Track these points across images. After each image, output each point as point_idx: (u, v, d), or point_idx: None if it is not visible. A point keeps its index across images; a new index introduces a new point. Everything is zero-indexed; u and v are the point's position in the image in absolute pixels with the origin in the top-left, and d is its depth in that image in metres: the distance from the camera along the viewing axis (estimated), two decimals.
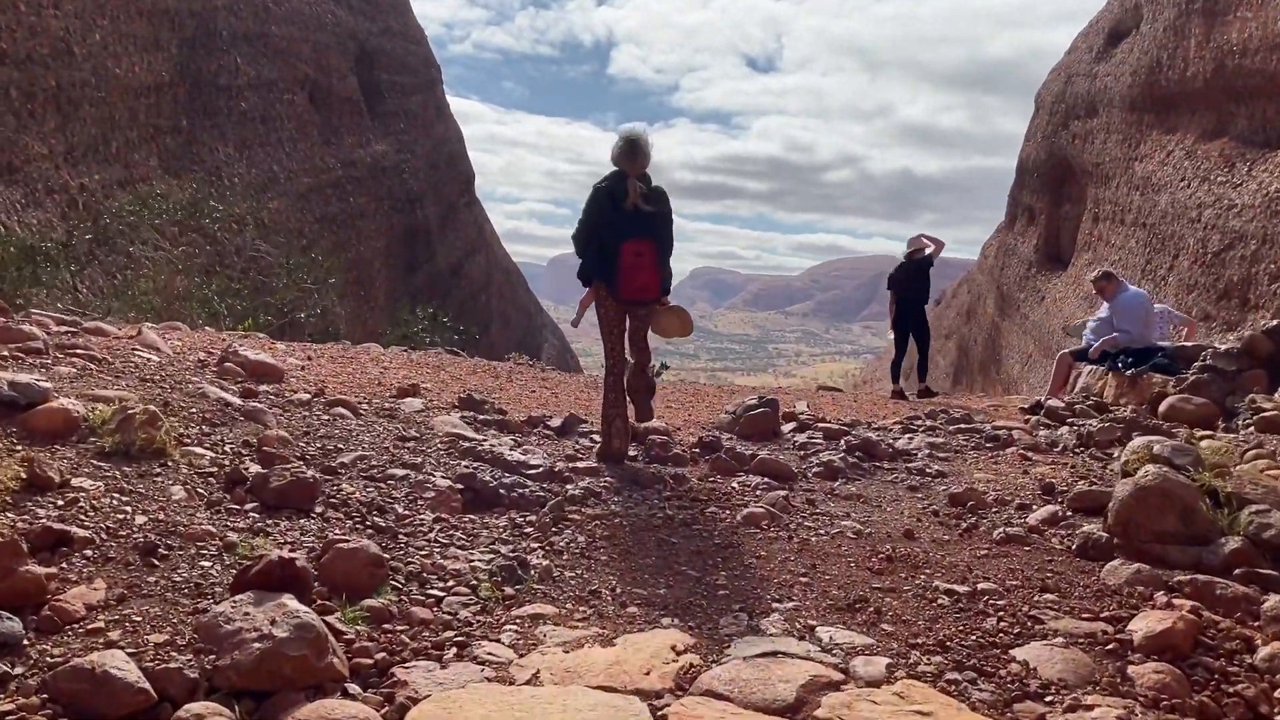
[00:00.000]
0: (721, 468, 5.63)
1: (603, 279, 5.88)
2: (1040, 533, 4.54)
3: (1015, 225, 39.19)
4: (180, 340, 7.88)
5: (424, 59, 54.90)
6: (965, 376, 46.49)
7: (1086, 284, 27.30)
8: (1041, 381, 31.18)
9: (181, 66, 27.88)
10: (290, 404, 5.73)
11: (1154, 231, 22.59)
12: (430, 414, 6.16)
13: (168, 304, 11.55)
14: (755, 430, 6.72)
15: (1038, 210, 35.88)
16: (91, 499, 3.55)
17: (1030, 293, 34.53)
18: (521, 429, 6.16)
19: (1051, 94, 34.56)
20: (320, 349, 9.35)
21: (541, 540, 4.06)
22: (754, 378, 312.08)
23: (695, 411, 8.19)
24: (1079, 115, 30.67)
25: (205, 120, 29.87)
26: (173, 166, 27.32)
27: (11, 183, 18.77)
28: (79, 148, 21.75)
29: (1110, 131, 27.27)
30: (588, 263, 6.02)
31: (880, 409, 9.61)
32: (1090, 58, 30.43)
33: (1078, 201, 31.37)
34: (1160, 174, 22.88)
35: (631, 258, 5.79)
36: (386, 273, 44.86)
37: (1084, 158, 29.62)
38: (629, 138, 5.87)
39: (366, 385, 7.12)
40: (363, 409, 5.96)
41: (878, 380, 77.64)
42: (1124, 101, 26.02)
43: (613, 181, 5.87)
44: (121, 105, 23.95)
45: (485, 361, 11.13)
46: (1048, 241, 34.76)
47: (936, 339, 59.72)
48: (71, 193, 20.89)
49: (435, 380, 8.14)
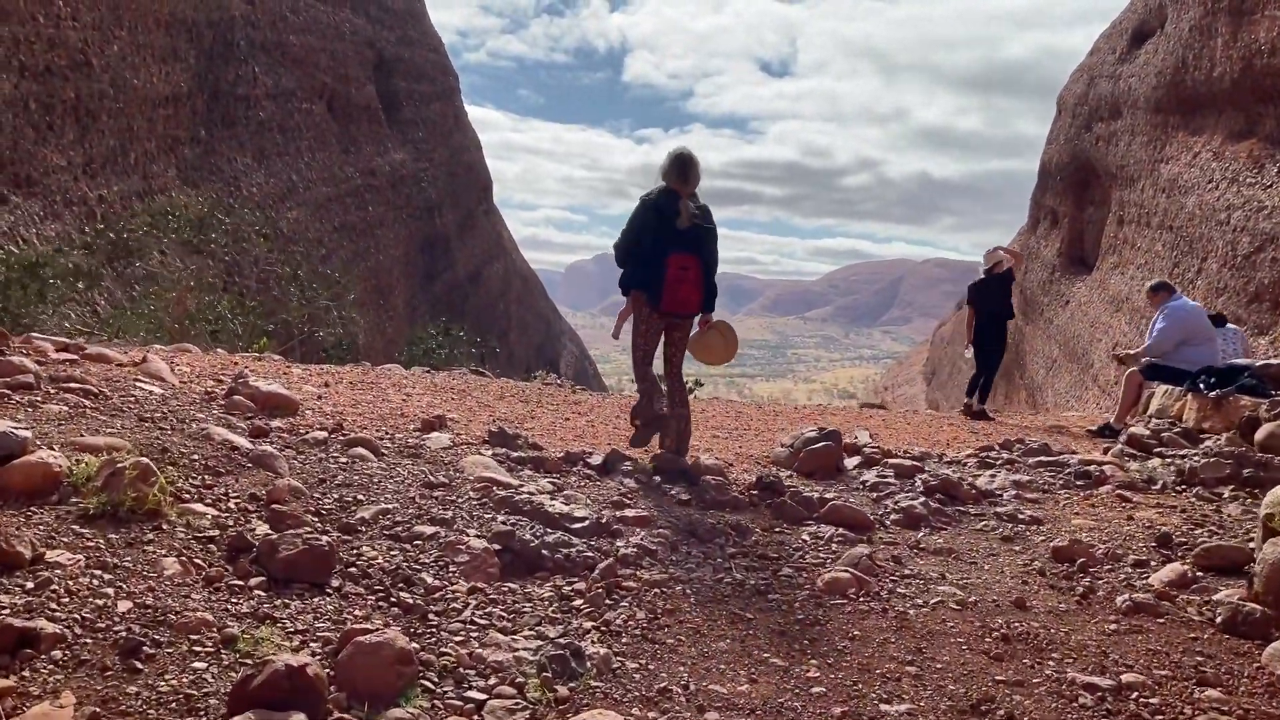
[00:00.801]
0: (788, 515, 5.02)
1: (644, 289, 5.93)
2: (1171, 599, 3.91)
3: (1038, 228, 38.68)
4: (189, 366, 7.39)
5: (442, 67, 54.68)
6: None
7: (1112, 287, 26.96)
8: (1068, 388, 30.70)
9: (200, 77, 27.61)
10: (305, 444, 5.18)
11: (1181, 234, 22.10)
12: (459, 452, 5.59)
13: (179, 323, 11.06)
14: (817, 467, 6.11)
15: (1061, 213, 35.38)
16: (68, 579, 2.98)
17: (1054, 297, 33.99)
18: (559, 468, 5.58)
19: (1074, 96, 34.07)
20: (338, 373, 8.85)
21: (595, 616, 3.46)
22: (773, 384, 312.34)
23: (744, 442, 7.57)
24: (1102, 117, 30.22)
25: (224, 130, 29.61)
26: (191, 177, 27.04)
27: (30, 195, 18.44)
28: (98, 159, 21.44)
29: (1135, 133, 26.79)
30: (629, 272, 6.03)
31: (940, 433, 9.01)
32: (1113, 59, 29.97)
33: (1102, 204, 30.89)
34: (1187, 176, 22.38)
35: (677, 270, 5.85)
36: (405, 281, 44.56)
37: (1108, 160, 29.14)
38: (683, 157, 5.92)
39: (388, 416, 6.57)
40: (384, 447, 5.41)
41: (899, 386, 76.95)
42: (1149, 103, 25.53)
43: (662, 197, 5.90)
44: (140, 116, 23.66)
45: (512, 383, 10.51)
46: (1071, 245, 34.26)
47: (957, 343, 59.03)
48: (90, 204, 20.57)
49: (461, 408, 7.60)
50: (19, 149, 18.24)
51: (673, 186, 5.89)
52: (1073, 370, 30.28)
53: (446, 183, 51.11)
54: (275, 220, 31.50)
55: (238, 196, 29.38)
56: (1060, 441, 8.56)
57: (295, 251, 32.37)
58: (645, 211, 5.86)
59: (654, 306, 5.93)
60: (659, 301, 5.89)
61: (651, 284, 5.87)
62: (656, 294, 5.86)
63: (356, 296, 36.50)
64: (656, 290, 5.86)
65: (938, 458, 6.89)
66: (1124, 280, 26.07)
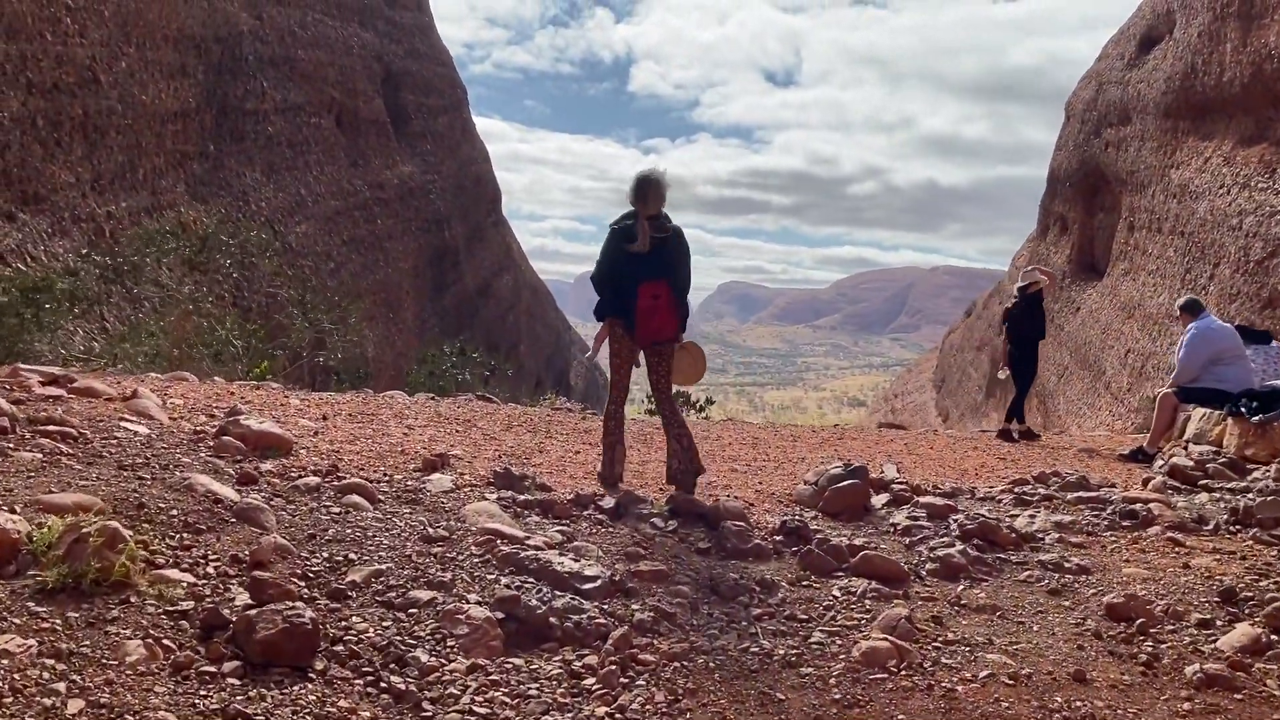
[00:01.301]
0: (816, 565, 4.64)
1: (619, 317, 5.93)
2: (1246, 669, 3.53)
3: (1047, 235, 38.42)
4: (183, 398, 7.06)
5: (450, 80, 54.60)
6: (999, 389, 45.38)
7: (1124, 294, 26.64)
8: (1080, 396, 30.29)
9: (208, 92, 27.46)
10: (296, 491, 4.78)
11: (1193, 240, 21.83)
12: (461, 497, 5.21)
13: (179, 348, 10.72)
14: (844, 507, 5.71)
15: (1070, 220, 35.13)
16: (14, 671, 2.64)
17: (1065, 304, 33.68)
18: (569, 512, 5.20)
19: (1082, 102, 33.84)
20: (338, 403, 8.44)
21: (609, 700, 3.10)
22: (784, 392, 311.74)
23: (765, 476, 7.12)
24: (1111, 123, 30.00)
25: (232, 145, 29.45)
26: (200, 192, 26.86)
27: (38, 212, 18.25)
28: (106, 175, 21.26)
29: (1145, 139, 26.55)
30: (605, 301, 6.02)
31: (966, 460, 8.57)
32: (1122, 65, 29.77)
33: (1112, 210, 30.67)
34: (1198, 181, 22.12)
35: (649, 300, 5.83)
36: (415, 294, 44.35)
37: (1118, 166, 28.91)
38: (640, 177, 5.85)
39: (388, 454, 6.16)
40: (381, 493, 5.03)
41: (909, 394, 76.38)
42: (1158, 108, 25.30)
43: (629, 222, 5.85)
44: (148, 132, 23.49)
45: (520, 409, 10.08)
46: (1081, 251, 33.99)
47: (967, 350, 58.56)
48: (99, 220, 20.38)
49: (466, 441, 7.16)
50: (27, 166, 18.05)
51: (634, 208, 5.84)
52: (1084, 378, 29.93)
53: (455, 195, 50.95)
54: (284, 235, 31.37)
55: (246, 211, 29.22)
56: (1092, 467, 8.16)
57: (304, 266, 32.21)
58: (614, 240, 5.83)
59: (631, 335, 5.91)
60: (634, 334, 5.88)
61: (625, 313, 5.86)
62: (631, 324, 5.85)
63: (366, 311, 36.31)
64: (630, 320, 5.85)
65: (969, 494, 6.46)
66: (1135, 287, 25.75)
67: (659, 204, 5.83)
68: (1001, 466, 8.24)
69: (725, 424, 11.33)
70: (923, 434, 11.68)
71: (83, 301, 10.40)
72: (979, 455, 9.03)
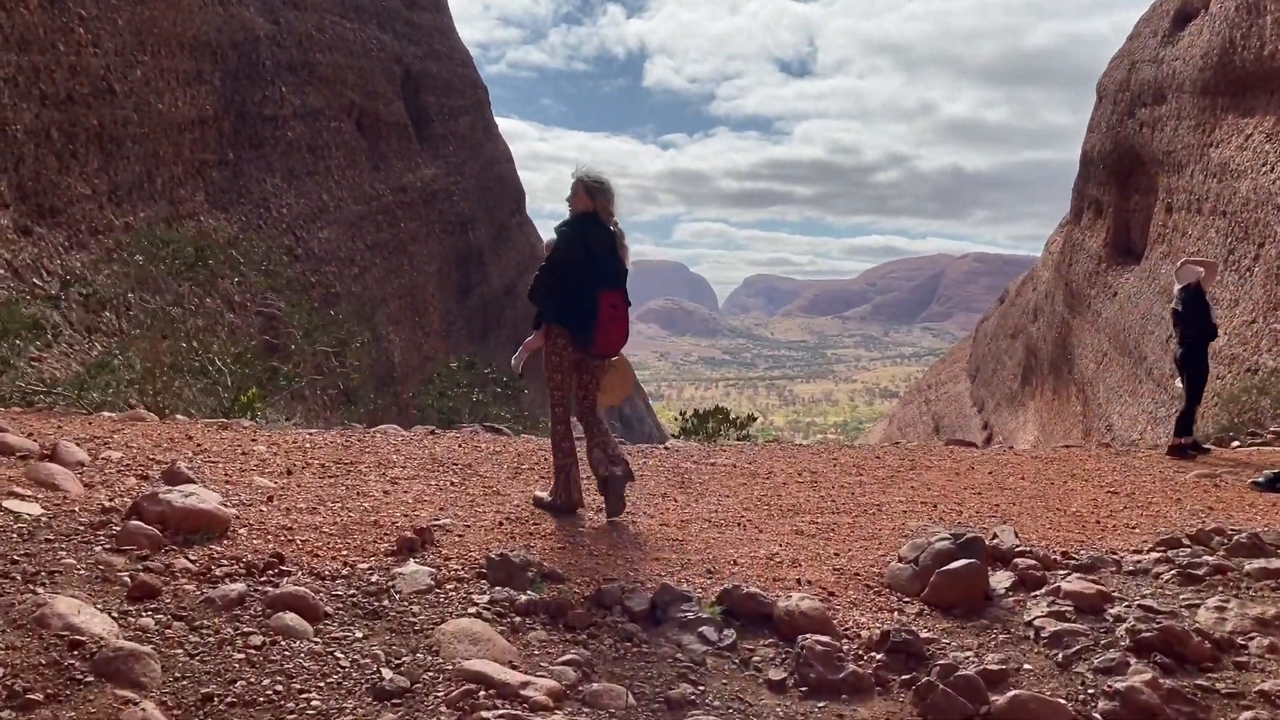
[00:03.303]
0: (940, 710, 3.39)
1: (572, 328, 5.47)
2: None
3: (1081, 219, 37.90)
4: (124, 448, 6.18)
5: (470, 81, 54.57)
6: (1035, 377, 44.78)
7: (1163, 277, 25.99)
8: (1120, 383, 29.70)
9: (226, 99, 27.52)
10: (208, 609, 3.57)
11: (1235, 220, 21.32)
12: (441, 601, 4.00)
13: (149, 380, 10.02)
14: (958, 598, 4.41)
15: (1105, 203, 34.62)
16: None
17: (1101, 289, 33.15)
18: (586, 619, 3.96)
19: (1114, 82, 33.29)
20: (315, 447, 7.21)
21: None
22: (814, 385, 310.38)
23: (838, 541, 5.58)
24: (1145, 103, 29.49)
25: (252, 152, 29.52)
26: (220, 200, 26.93)
27: (55, 225, 18.29)
28: (123, 186, 21.31)
29: (1181, 118, 26.02)
30: (555, 306, 5.52)
31: (1072, 496, 7.29)
32: (1155, 42, 29.23)
33: (1148, 192, 30.19)
34: (1239, 159, 21.58)
35: (609, 310, 5.44)
36: (440, 297, 44.36)
37: (1153, 146, 28.38)
38: (599, 178, 5.51)
39: (356, 529, 4.87)
40: (332, 600, 3.83)
41: (942, 384, 75.37)
42: (1194, 86, 24.76)
43: (584, 226, 5.48)
44: (165, 141, 23.55)
45: (534, 443, 8.55)
46: (1117, 235, 33.51)
47: (1000, 338, 57.72)
48: (116, 232, 20.41)
49: (461, 500, 5.85)
50: (42, 179, 18.09)
51: (595, 212, 5.49)
52: (1124, 364, 29.38)
53: (478, 196, 50.93)
54: (307, 241, 31.38)
55: (268, 218, 29.27)
56: (1226, 503, 7.05)
57: (328, 271, 32.24)
58: (576, 243, 5.42)
59: (581, 347, 5.49)
60: (590, 343, 5.45)
61: (581, 323, 5.42)
62: (588, 335, 5.42)
63: (391, 315, 36.32)
64: (587, 331, 5.40)
65: (1113, 564, 5.05)
66: (1176, 269, 25.26)
67: (615, 206, 5.58)
68: (1119, 506, 6.95)
69: (772, 449, 9.82)
70: (1000, 454, 10.12)
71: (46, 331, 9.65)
72: (1083, 488, 7.74)
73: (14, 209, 16.79)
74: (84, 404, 8.92)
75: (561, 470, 5.64)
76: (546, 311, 5.56)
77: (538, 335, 5.62)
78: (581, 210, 5.53)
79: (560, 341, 5.54)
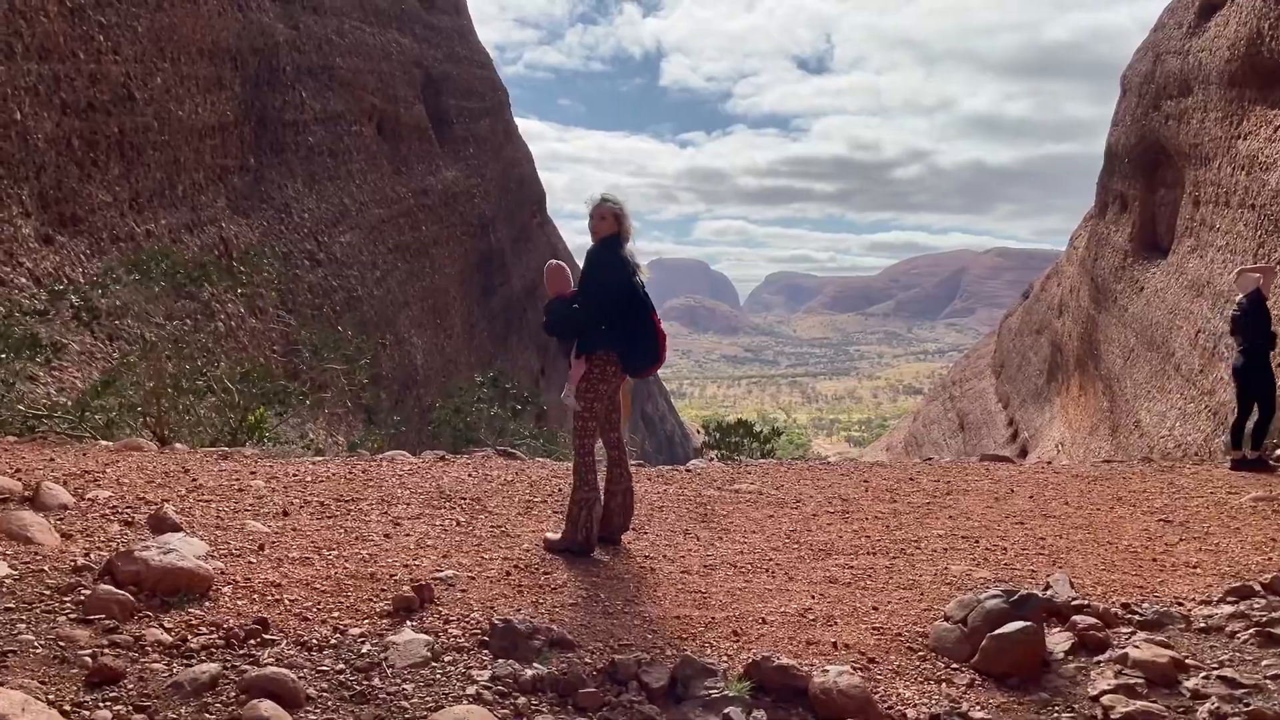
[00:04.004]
0: None
1: (623, 352, 5.45)
2: None
3: (1107, 213, 37.53)
4: (114, 485, 5.87)
5: (490, 82, 54.63)
6: (1060, 373, 44.23)
7: (1191, 271, 25.60)
8: (1147, 379, 29.28)
9: (246, 104, 27.59)
10: (174, 696, 3.16)
11: (1265, 213, 20.97)
12: (438, 676, 3.60)
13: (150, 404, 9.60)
14: (1011, 666, 3.99)
15: (1131, 197, 34.26)
16: None
17: (1128, 283, 32.79)
18: (599, 700, 3.55)
19: (1139, 75, 32.90)
20: (316, 480, 6.88)
21: None
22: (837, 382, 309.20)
23: (876, 591, 5.03)
24: (1171, 95, 29.11)
25: (273, 157, 29.59)
26: (241, 206, 27.00)
27: (76, 233, 18.35)
28: (144, 193, 21.37)
29: (1208, 110, 25.61)
30: (603, 337, 5.41)
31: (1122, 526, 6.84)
32: (1181, 34, 28.84)
33: (1174, 186, 29.82)
34: (1268, 151, 21.23)
35: (661, 329, 5.53)
36: (463, 299, 44.39)
37: (1180, 139, 27.98)
38: (617, 202, 5.52)
39: (351, 583, 4.49)
40: (316, 680, 3.41)
41: (967, 380, 74.67)
42: (1221, 77, 24.36)
43: (619, 249, 5.49)
44: (186, 147, 23.62)
45: (549, 469, 8.16)
46: (1143, 229, 33.16)
47: (1026, 334, 57.11)
48: (138, 239, 20.48)
49: (467, 544, 5.44)
50: (63, 187, 18.16)
51: (614, 234, 5.51)
52: (1152, 360, 28.97)
53: (500, 198, 50.97)
54: (329, 245, 31.43)
55: (289, 223, 29.35)
56: None
57: (350, 276, 32.29)
58: (622, 268, 5.42)
59: (635, 369, 5.49)
60: (651, 364, 5.48)
61: (635, 346, 5.42)
62: (647, 356, 5.46)
63: (413, 318, 36.37)
64: (647, 353, 5.43)
65: (1181, 619, 4.57)
66: (1204, 264, 24.83)
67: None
68: (1174, 539, 6.49)
69: (799, 470, 9.14)
70: (1039, 473, 9.58)
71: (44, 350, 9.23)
72: (1131, 515, 7.26)
73: (35, 217, 16.87)
74: (88, 426, 8.70)
75: (584, 505, 5.42)
76: (595, 338, 5.41)
77: (580, 363, 5.45)
78: (608, 233, 5.52)
79: (611, 368, 5.47)
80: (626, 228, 5.50)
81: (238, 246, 25.00)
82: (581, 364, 5.42)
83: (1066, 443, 37.96)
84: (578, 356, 5.44)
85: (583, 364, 5.42)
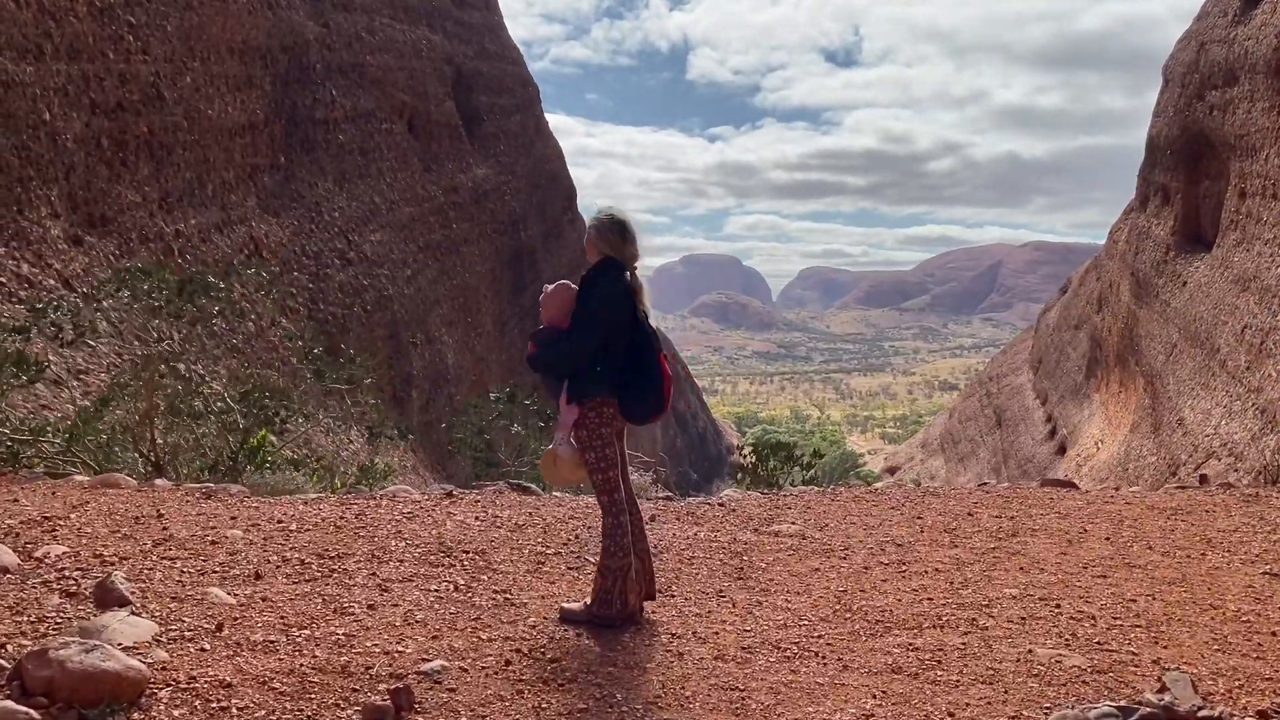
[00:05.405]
0: None
1: (625, 398, 4.63)
2: None
3: (1148, 206, 36.74)
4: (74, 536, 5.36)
5: (521, 79, 54.52)
6: (1100, 369, 43.40)
7: (1237, 265, 24.94)
8: (1191, 375, 28.54)
9: (276, 103, 27.63)
10: None
11: None
12: None
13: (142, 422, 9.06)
14: None
15: (1173, 189, 33.51)
16: None
17: (1170, 278, 32.06)
18: None
19: (1182, 65, 32.13)
20: (298, 528, 6.18)
21: None
22: (871, 378, 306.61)
23: (950, 687, 4.17)
24: (1216, 85, 28.34)
25: (303, 156, 29.63)
26: (271, 205, 27.04)
27: (105, 234, 18.40)
28: (174, 193, 21.42)
29: (1255, 99, 24.89)
30: (602, 381, 4.59)
31: (1215, 576, 6.08)
32: (1225, 22, 28.08)
33: (1218, 178, 29.05)
34: None
35: (668, 371, 4.74)
36: (493, 297, 44.34)
37: (1225, 130, 27.23)
38: (621, 218, 4.65)
39: (318, 678, 3.78)
40: None
41: (1004, 376, 73.65)
42: (1269, 65, 23.66)
43: (619, 276, 4.62)
44: (216, 147, 23.66)
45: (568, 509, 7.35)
46: (1186, 222, 32.39)
47: (1064, 329, 56.16)
48: (167, 239, 20.53)
49: (462, 620, 4.67)
50: (92, 188, 18.21)
51: (618, 256, 4.64)
52: (1196, 356, 28.25)
53: (530, 194, 50.86)
54: (359, 244, 31.44)
55: (320, 222, 29.37)
56: None
57: (380, 275, 32.29)
58: (623, 298, 4.56)
59: (637, 416, 4.67)
60: (658, 410, 4.64)
61: (642, 390, 4.61)
62: (654, 401, 4.62)
63: (444, 316, 36.36)
64: (655, 400, 4.61)
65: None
66: (1250, 257, 24.12)
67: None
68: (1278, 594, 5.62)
69: (844, 503, 8.14)
70: (1110, 502, 8.47)
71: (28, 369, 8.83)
72: (1228, 564, 6.34)
73: (65, 218, 16.91)
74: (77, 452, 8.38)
75: (618, 575, 4.62)
76: (587, 382, 4.60)
77: (571, 410, 4.65)
78: (605, 257, 4.68)
79: (608, 412, 4.63)
80: (631, 252, 4.66)
81: (268, 245, 25.04)
82: (574, 410, 4.65)
83: (1106, 440, 37.16)
84: (569, 402, 4.67)
85: (575, 410, 4.65)
